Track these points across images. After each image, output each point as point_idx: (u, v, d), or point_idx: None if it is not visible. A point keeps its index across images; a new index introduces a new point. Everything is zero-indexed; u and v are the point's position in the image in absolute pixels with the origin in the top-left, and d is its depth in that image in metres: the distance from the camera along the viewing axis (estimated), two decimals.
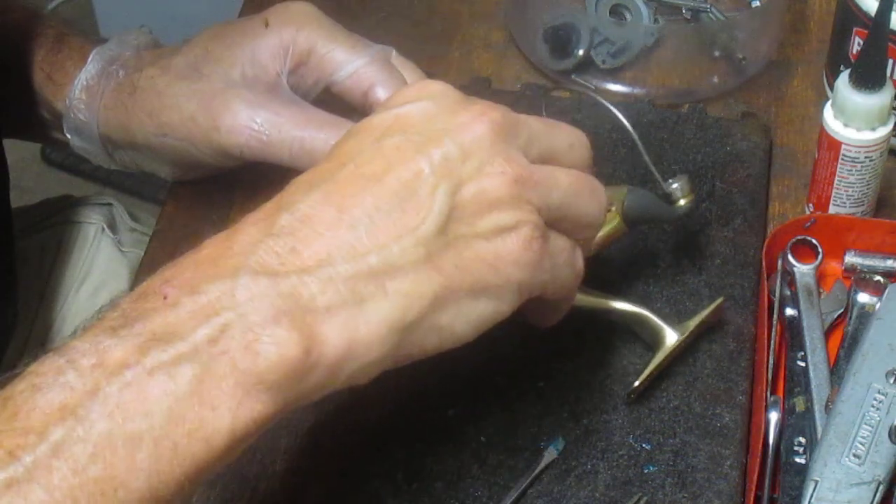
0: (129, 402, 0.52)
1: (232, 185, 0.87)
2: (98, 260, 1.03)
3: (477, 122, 0.60)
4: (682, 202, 0.76)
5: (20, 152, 2.10)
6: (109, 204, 1.09)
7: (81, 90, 0.82)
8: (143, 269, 0.84)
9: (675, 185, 0.75)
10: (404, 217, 0.57)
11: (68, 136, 0.84)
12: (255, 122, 0.76)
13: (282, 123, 0.76)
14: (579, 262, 0.66)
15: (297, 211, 0.57)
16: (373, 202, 0.57)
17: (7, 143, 0.91)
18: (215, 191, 0.87)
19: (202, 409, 0.53)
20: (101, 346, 0.53)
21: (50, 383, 0.53)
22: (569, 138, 0.66)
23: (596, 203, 0.65)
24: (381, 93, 0.77)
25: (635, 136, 0.76)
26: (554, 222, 0.62)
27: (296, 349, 0.54)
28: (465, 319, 0.60)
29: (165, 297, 0.55)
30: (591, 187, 0.65)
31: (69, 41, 0.86)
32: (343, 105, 0.79)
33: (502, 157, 0.60)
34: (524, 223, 0.60)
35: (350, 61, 0.77)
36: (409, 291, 0.57)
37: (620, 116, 0.76)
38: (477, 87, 0.94)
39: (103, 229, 1.05)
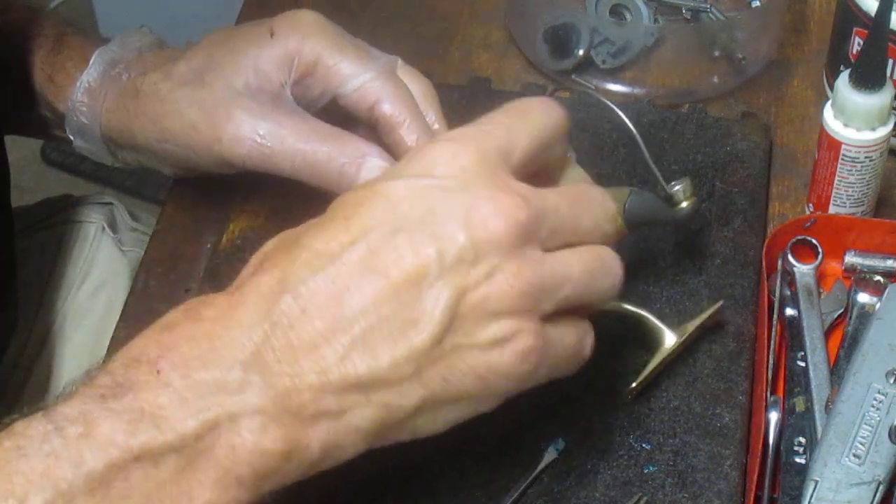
0: (112, 481, 0.53)
1: (232, 185, 0.87)
2: (98, 259, 1.03)
3: (498, 218, 0.57)
4: (684, 204, 0.75)
5: (20, 152, 2.10)
6: (110, 203, 1.09)
7: (83, 93, 0.82)
8: (143, 269, 0.84)
9: (677, 188, 0.75)
10: (402, 326, 0.56)
11: (71, 136, 0.84)
12: (257, 134, 0.75)
13: (285, 135, 0.75)
14: (586, 350, 0.63)
15: (299, 296, 0.56)
16: (373, 301, 0.56)
17: (7, 142, 0.91)
18: (215, 191, 0.87)
19: (180, 497, 0.54)
20: (90, 416, 0.54)
21: (35, 449, 0.53)
22: (594, 218, 0.63)
23: (609, 282, 0.62)
24: (386, 108, 0.76)
25: (638, 137, 0.76)
26: (562, 308, 0.60)
27: (277, 456, 0.55)
28: (442, 421, 0.60)
29: (159, 372, 0.55)
30: (605, 266, 0.62)
31: (69, 41, 0.86)
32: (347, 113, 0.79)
33: (514, 265, 0.57)
34: (522, 333, 0.57)
35: (356, 75, 0.76)
36: (391, 403, 0.57)
37: (624, 117, 0.76)
38: (477, 87, 0.94)
39: (104, 228, 1.05)
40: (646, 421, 0.73)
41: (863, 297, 0.78)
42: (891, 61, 0.83)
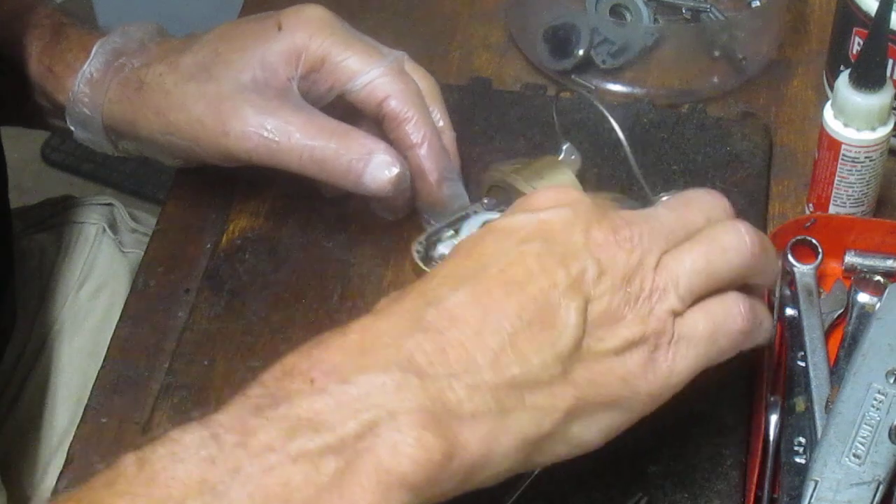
0: (269, 485, 0.52)
1: (232, 186, 0.87)
2: (99, 260, 1.03)
3: (612, 242, 0.60)
4: None
5: (20, 152, 2.10)
6: (110, 204, 1.09)
7: (85, 83, 0.82)
8: (143, 270, 0.84)
9: (665, 198, 0.74)
10: (544, 330, 0.58)
11: (72, 127, 0.84)
12: (264, 129, 0.75)
13: (292, 131, 0.75)
14: (737, 323, 0.63)
15: (443, 309, 0.57)
16: (515, 309, 0.58)
17: (7, 142, 0.91)
18: (215, 191, 0.87)
19: (340, 501, 0.52)
20: (247, 424, 0.53)
21: (191, 454, 0.52)
22: (705, 213, 0.64)
23: (733, 255, 0.63)
24: (394, 105, 0.77)
25: (626, 144, 0.75)
26: (697, 297, 0.62)
27: (439, 454, 0.54)
28: (596, 429, 0.60)
29: (313, 381, 0.54)
30: (724, 245, 0.63)
31: (68, 32, 0.86)
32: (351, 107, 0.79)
33: (630, 277, 0.60)
34: (649, 335, 0.60)
35: (364, 71, 0.77)
36: (546, 405, 0.58)
37: (613, 121, 0.75)
38: (477, 87, 0.94)
39: (104, 230, 1.05)
40: (646, 421, 0.73)
41: (863, 297, 0.78)
42: (891, 61, 0.83)
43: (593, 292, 0.59)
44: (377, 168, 0.75)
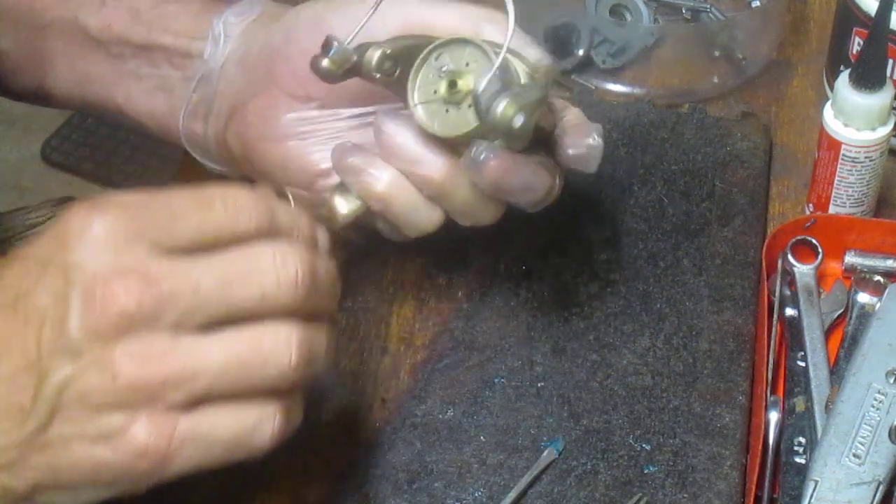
0: None
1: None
2: None
3: (105, 306, 0.53)
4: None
5: (20, 152, 2.10)
6: None
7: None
8: None
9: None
10: (10, 411, 0.54)
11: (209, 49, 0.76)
12: None
13: None
14: (260, 436, 0.57)
15: None
16: None
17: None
18: None
19: None
20: None
21: None
22: (261, 289, 0.56)
23: (272, 371, 0.56)
24: None
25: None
26: (211, 397, 0.56)
27: None
28: (74, 501, 0.57)
29: None
30: (263, 354, 0.56)
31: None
32: None
33: (119, 357, 0.53)
34: (135, 429, 0.54)
35: None
36: (6, 484, 0.55)
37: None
38: None
39: None
40: (646, 421, 0.73)
41: (863, 297, 0.78)
42: (891, 61, 0.83)
43: (73, 372, 0.53)
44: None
